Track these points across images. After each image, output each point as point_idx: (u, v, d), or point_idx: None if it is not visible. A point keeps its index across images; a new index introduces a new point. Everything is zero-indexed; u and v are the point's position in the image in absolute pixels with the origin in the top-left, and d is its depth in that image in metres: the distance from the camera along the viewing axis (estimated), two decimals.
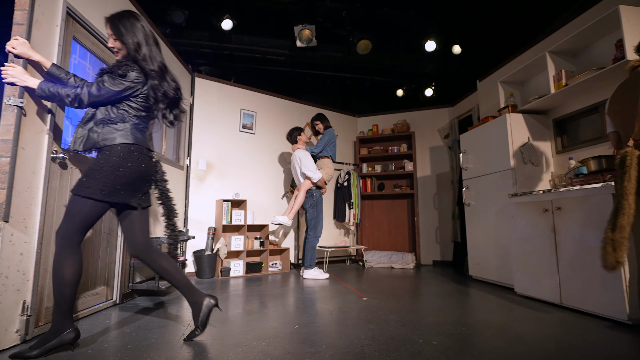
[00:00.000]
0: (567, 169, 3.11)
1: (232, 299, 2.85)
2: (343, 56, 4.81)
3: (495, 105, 3.99)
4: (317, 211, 3.93)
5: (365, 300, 2.77)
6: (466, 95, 4.98)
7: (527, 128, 3.30)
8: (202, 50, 4.52)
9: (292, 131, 4.18)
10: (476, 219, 3.65)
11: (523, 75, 3.51)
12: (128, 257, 2.86)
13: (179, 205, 3.94)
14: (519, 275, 2.89)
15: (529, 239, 2.79)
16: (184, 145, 4.09)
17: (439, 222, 5.24)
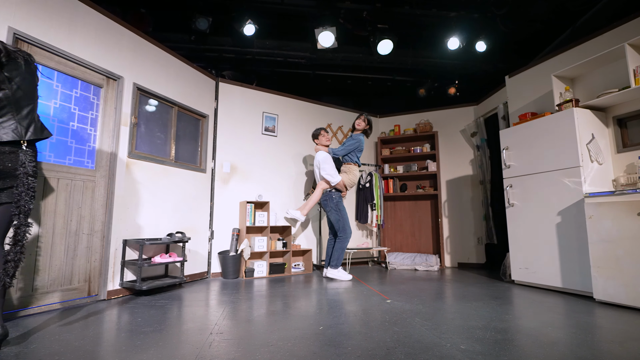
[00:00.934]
0: (635, 168, 2.99)
1: (257, 299, 2.91)
2: (364, 57, 4.81)
3: (535, 101, 3.85)
4: (340, 213, 3.87)
5: (389, 302, 2.75)
6: (492, 92, 4.85)
7: (591, 124, 3.16)
8: (225, 55, 4.65)
9: (312, 136, 4.20)
10: (522, 220, 3.48)
11: (580, 70, 3.31)
12: (121, 255, 3.05)
13: (204, 207, 4.06)
14: (600, 280, 2.69)
15: (616, 241, 2.62)
16: (205, 149, 4.19)
17: (465, 223, 5.13)
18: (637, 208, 2.48)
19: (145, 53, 3.45)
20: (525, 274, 3.42)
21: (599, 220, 2.71)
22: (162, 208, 3.54)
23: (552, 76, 3.41)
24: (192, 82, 4.03)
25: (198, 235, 3.98)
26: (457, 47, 4.40)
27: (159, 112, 3.61)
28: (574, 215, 3.00)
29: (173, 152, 3.72)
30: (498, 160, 4.81)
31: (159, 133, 3.59)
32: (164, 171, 3.58)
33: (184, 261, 3.38)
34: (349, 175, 4.01)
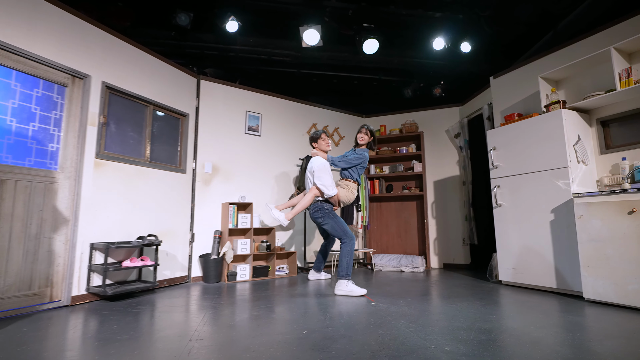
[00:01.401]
0: (618, 169, 3.07)
1: (239, 303, 2.86)
2: (350, 56, 4.82)
3: (520, 102, 3.93)
4: (335, 220, 3.40)
5: (374, 304, 2.75)
6: (476, 93, 4.94)
7: (577, 125, 3.23)
8: (208, 52, 4.57)
9: (310, 139, 3.66)
10: (510, 221, 3.53)
11: (567, 72, 3.39)
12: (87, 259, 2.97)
13: (185, 209, 3.98)
14: (590, 280, 2.74)
15: (606, 241, 2.67)
16: (185, 149, 4.12)
17: (450, 224, 5.19)
18: (627, 208, 2.55)
19: (117, 51, 3.37)
20: (512, 275, 3.47)
21: (588, 220, 2.78)
22: (135, 210, 3.45)
23: (538, 78, 3.49)
24: (170, 80, 3.95)
25: (178, 238, 3.89)
26: (442, 47, 4.45)
27: (132, 112, 3.53)
28: (564, 216, 3.06)
29: (148, 153, 3.64)
30: (479, 161, 4.91)
31: (132, 133, 3.51)
32: (138, 172, 3.49)
33: (156, 265, 3.30)
34: (346, 191, 3.56)
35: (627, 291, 2.51)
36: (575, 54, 3.41)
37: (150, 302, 2.92)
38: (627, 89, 2.80)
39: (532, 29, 4.29)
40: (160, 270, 3.64)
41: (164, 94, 3.85)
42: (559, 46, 3.58)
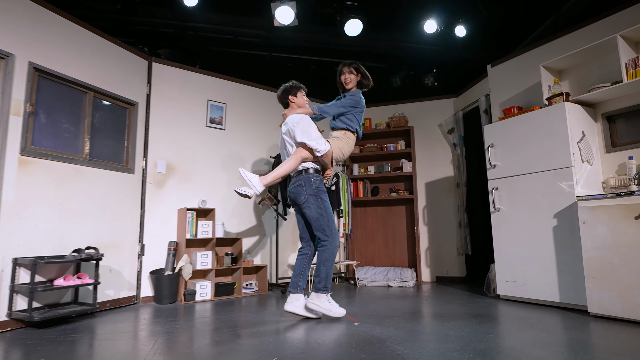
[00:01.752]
0: (625, 169, 3.20)
1: (198, 327, 2.80)
2: (329, 38, 4.83)
3: (520, 94, 4.05)
4: (323, 205, 2.93)
5: (356, 325, 2.76)
6: (472, 83, 5.07)
7: (581, 121, 3.33)
8: (162, 30, 4.47)
9: (285, 91, 3.18)
10: (509, 227, 3.61)
11: (570, 61, 3.50)
12: (9, 278, 2.84)
13: (132, 216, 3.88)
14: (595, 292, 2.83)
15: (612, 248, 2.77)
16: (133, 144, 4.02)
17: (444, 232, 5.29)
18: (634, 212, 2.66)
19: (49, 26, 3.25)
20: (512, 288, 3.57)
21: (593, 225, 2.88)
22: (71, 218, 3.34)
23: (540, 67, 3.61)
24: (115, 62, 3.85)
25: (124, 251, 3.79)
26: (434, 30, 4.54)
27: (68, 99, 3.42)
28: (567, 221, 3.18)
29: (87, 148, 3.54)
30: (475, 160, 5.04)
31: (68, 125, 3.40)
32: (75, 172, 3.38)
33: (97, 283, 3.20)
34: (341, 142, 3.12)
35: (634, 304, 2.63)
36: (580, 41, 3.56)
37: (88, 329, 2.82)
38: (634, 81, 2.94)
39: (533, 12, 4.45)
40: (102, 289, 3.53)
41: (107, 79, 3.75)
42: (562, 32, 3.72)
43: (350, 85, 3.31)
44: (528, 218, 3.48)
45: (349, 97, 3.26)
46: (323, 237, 2.94)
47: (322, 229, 2.93)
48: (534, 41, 4.42)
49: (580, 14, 4.09)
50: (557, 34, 3.77)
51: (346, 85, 3.33)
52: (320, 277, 2.93)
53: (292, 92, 3.17)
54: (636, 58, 2.96)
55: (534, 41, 4.35)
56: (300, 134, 2.90)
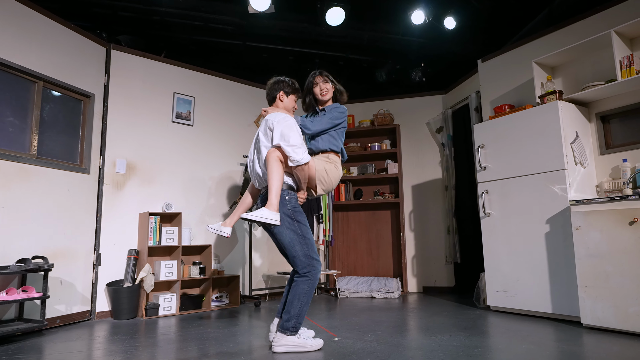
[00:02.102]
0: (619, 172, 3.30)
1: (161, 345, 2.75)
2: (309, 27, 4.84)
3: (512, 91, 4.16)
4: (299, 228, 2.60)
5: (336, 340, 2.76)
6: (462, 79, 5.16)
7: (575, 121, 3.43)
8: (122, 14, 4.38)
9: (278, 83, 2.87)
10: (499, 233, 3.68)
11: (564, 57, 3.60)
12: None
13: (87, 221, 3.80)
14: (588, 302, 2.90)
15: (605, 256, 2.84)
16: (89, 141, 3.94)
17: (431, 238, 5.37)
18: (628, 217, 2.76)
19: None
20: (503, 298, 3.64)
21: (587, 231, 2.97)
22: (15, 224, 3.24)
23: (533, 63, 3.71)
24: (69, 49, 3.77)
25: (77, 260, 3.70)
26: (422, 22, 4.60)
27: (12, 89, 3.33)
28: (560, 227, 3.26)
29: (35, 145, 3.45)
30: (465, 162, 5.13)
31: (12, 118, 3.31)
32: (20, 171, 3.29)
33: (45, 297, 3.11)
34: (327, 165, 2.80)
35: (627, 315, 2.73)
36: (574, 36, 3.68)
37: (35, 348, 2.73)
38: (629, 79, 3.05)
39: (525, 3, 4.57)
40: (51, 304, 3.43)
41: (59, 67, 3.66)
42: (556, 27, 3.84)
43: (327, 96, 2.98)
44: (519, 223, 3.56)
45: (334, 111, 2.90)
46: (301, 267, 2.54)
47: (298, 258, 2.54)
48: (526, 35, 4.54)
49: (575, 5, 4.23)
50: (550, 28, 3.89)
51: (322, 97, 2.96)
52: (291, 315, 2.51)
53: (286, 90, 2.85)
54: (630, 56, 3.08)
55: (527, 35, 4.47)
56: (279, 136, 2.55)
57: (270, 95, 2.87)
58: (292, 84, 2.89)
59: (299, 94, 2.94)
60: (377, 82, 5.86)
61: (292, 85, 2.89)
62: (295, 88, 2.90)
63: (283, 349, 2.50)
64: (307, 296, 2.55)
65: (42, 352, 2.65)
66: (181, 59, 4.79)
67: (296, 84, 2.93)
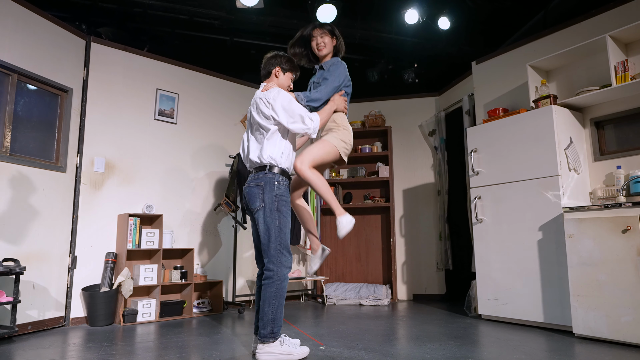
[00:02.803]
0: (613, 179, 3.36)
1: (139, 353, 2.73)
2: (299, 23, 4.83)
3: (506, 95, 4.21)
4: (278, 219, 2.52)
5: (323, 349, 2.76)
6: (456, 81, 5.22)
7: (569, 126, 3.48)
8: (103, 5, 4.35)
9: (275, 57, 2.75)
10: (492, 240, 3.72)
11: (559, 61, 3.65)
12: None
13: (62, 223, 3.75)
14: (580, 312, 2.94)
15: (598, 264, 2.88)
16: (66, 138, 3.90)
17: (422, 244, 5.40)
18: (621, 225, 2.80)
19: None
20: (494, 307, 3.68)
21: (580, 239, 3.02)
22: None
23: (527, 66, 3.77)
24: (46, 41, 3.72)
25: (51, 263, 3.65)
26: (416, 21, 4.65)
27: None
28: (553, 234, 3.31)
29: (8, 141, 3.41)
30: (457, 166, 5.18)
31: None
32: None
33: (16, 302, 3.06)
34: (338, 134, 2.77)
35: (620, 324, 2.78)
36: (569, 40, 3.74)
37: (4, 356, 2.68)
38: (623, 85, 3.12)
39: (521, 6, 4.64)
40: (23, 309, 3.37)
41: (35, 60, 3.61)
42: (551, 30, 3.90)
43: (325, 51, 2.90)
44: (512, 230, 3.60)
45: (334, 72, 2.84)
46: (267, 263, 2.49)
47: (269, 250, 2.48)
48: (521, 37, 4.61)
49: (571, 9, 4.31)
50: (545, 31, 3.95)
51: (320, 52, 2.90)
52: (265, 321, 2.43)
53: (284, 66, 2.73)
54: (625, 61, 3.14)
55: (522, 37, 4.54)
56: (283, 113, 2.51)
57: (266, 70, 2.76)
58: (290, 61, 2.78)
59: (296, 72, 2.84)
60: (369, 82, 5.89)
61: (291, 62, 2.78)
62: (293, 65, 2.80)
63: (266, 357, 2.44)
64: (277, 299, 2.47)
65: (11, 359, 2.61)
66: (165, 54, 4.76)
67: (294, 61, 2.83)
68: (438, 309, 4.48)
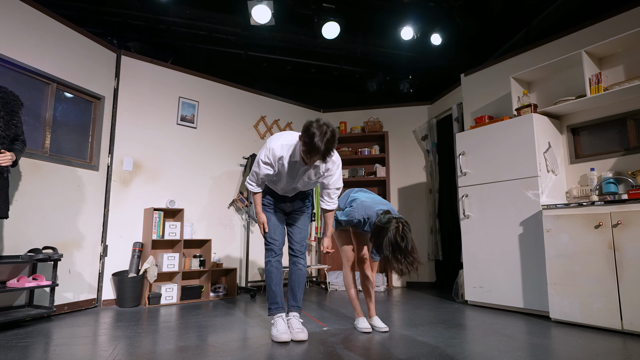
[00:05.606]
0: (587, 179, 3.36)
1: (163, 332, 2.74)
2: (307, 39, 4.85)
3: (492, 104, 4.21)
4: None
5: (325, 329, 2.77)
6: (447, 91, 5.20)
7: (548, 132, 3.48)
8: (132, 22, 4.37)
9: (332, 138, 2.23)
10: (478, 234, 3.73)
11: (539, 74, 3.65)
12: None
13: (95, 215, 3.77)
14: (557, 298, 2.97)
15: (573, 256, 2.90)
16: (98, 140, 3.91)
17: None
18: (594, 221, 2.81)
19: (6, 10, 3.13)
20: (479, 294, 3.68)
21: (557, 234, 3.02)
22: (28, 216, 3.21)
23: (510, 78, 3.76)
24: (81, 54, 3.74)
25: (85, 251, 3.67)
26: (411, 37, 4.64)
27: (28, 90, 3.29)
28: (533, 229, 3.31)
29: (48, 143, 3.42)
30: (446, 167, 5.18)
31: (27, 117, 3.27)
32: (34, 167, 3.26)
33: (54, 285, 3.08)
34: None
35: (592, 310, 2.78)
36: (549, 54, 3.73)
37: (44, 333, 2.70)
38: (597, 95, 3.11)
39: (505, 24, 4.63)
40: (60, 292, 3.40)
41: (72, 71, 3.63)
42: (532, 45, 3.89)
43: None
44: (496, 225, 3.60)
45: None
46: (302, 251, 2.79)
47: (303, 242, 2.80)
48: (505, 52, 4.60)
49: (550, 27, 4.29)
50: (527, 47, 3.94)
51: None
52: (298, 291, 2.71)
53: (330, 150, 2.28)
54: (599, 74, 3.13)
55: (506, 52, 4.53)
56: (339, 180, 2.59)
57: (329, 151, 2.24)
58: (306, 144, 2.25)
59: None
60: (368, 92, 5.89)
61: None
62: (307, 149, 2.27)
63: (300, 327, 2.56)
64: (267, 279, 2.67)
65: (50, 336, 2.63)
66: (186, 66, 4.77)
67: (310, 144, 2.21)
68: (429, 295, 4.48)
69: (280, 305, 2.63)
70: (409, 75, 5.64)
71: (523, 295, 3.33)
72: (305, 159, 2.27)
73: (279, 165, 2.46)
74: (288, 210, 2.76)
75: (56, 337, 2.60)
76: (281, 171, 2.49)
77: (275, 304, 2.63)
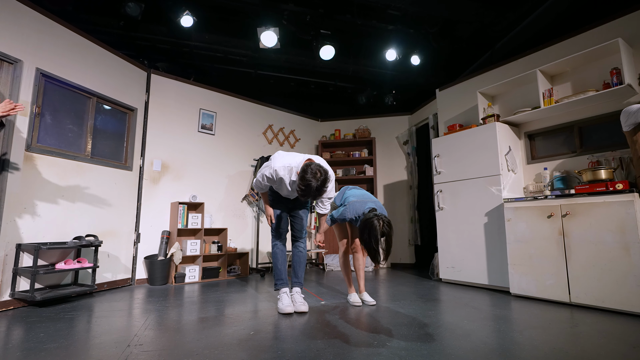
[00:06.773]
0: (541, 177, 3.37)
1: (187, 305, 2.74)
2: (307, 60, 4.84)
3: (462, 114, 4.21)
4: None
5: (323, 303, 2.78)
6: (424, 103, 5.20)
7: (508, 138, 3.50)
8: (160, 46, 4.35)
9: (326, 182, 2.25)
10: (450, 223, 3.74)
11: (501, 89, 3.67)
12: (12, 262, 2.67)
13: (129, 208, 3.76)
14: (516, 276, 2.99)
15: (529, 241, 2.92)
16: (132, 145, 3.90)
17: (398, 226, 5.40)
18: (547, 212, 2.83)
19: (55, 36, 3.10)
20: (451, 273, 3.69)
21: (516, 223, 3.03)
22: (73, 209, 3.19)
23: (477, 92, 3.75)
24: (117, 72, 3.71)
25: (121, 238, 3.66)
26: (394, 58, 4.63)
27: (72, 103, 3.28)
28: (496, 219, 3.32)
29: (89, 147, 3.40)
30: (425, 167, 5.18)
31: (72, 126, 3.25)
32: (77, 168, 3.24)
33: (95, 267, 3.08)
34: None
35: (545, 286, 2.79)
36: (510, 72, 3.73)
37: (86, 307, 2.71)
38: (549, 107, 3.11)
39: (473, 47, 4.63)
40: (100, 272, 3.39)
41: (109, 86, 3.61)
42: (496, 64, 3.89)
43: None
44: (465, 216, 3.60)
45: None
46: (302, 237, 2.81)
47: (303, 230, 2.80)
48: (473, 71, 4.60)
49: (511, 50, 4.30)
50: (491, 66, 3.94)
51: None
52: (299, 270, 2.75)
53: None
54: (551, 89, 3.14)
55: (474, 71, 4.53)
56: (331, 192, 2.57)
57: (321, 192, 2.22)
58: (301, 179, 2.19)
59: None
60: (358, 104, 5.89)
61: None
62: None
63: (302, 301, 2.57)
64: (273, 259, 2.69)
65: (92, 310, 2.63)
66: (206, 82, 4.76)
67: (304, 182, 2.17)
68: (409, 274, 4.49)
69: (284, 281, 2.65)
70: (392, 90, 5.64)
71: (488, 274, 3.35)
72: (300, 197, 2.23)
73: (279, 181, 2.48)
74: (290, 206, 2.76)
75: (97, 310, 2.61)
76: (282, 186, 2.52)
77: (280, 279, 2.65)
